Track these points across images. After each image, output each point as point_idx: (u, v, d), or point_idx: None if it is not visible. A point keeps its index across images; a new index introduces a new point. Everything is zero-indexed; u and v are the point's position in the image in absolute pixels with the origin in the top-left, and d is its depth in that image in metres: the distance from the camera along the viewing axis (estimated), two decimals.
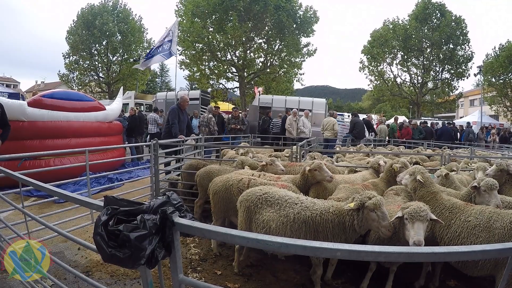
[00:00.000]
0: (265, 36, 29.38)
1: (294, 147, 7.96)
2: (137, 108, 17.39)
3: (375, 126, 19.25)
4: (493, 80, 38.21)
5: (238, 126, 14.77)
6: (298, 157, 7.64)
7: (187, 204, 6.62)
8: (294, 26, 27.92)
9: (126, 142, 14.10)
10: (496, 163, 5.42)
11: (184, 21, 26.85)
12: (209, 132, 12.86)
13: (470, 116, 36.98)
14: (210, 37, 27.54)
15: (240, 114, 15.50)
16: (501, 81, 37.67)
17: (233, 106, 22.55)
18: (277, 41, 29.24)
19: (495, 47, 38.48)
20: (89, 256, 4.88)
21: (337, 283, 4.45)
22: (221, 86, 31.39)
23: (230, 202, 4.87)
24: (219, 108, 17.06)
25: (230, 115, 15.45)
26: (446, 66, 37.91)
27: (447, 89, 38.53)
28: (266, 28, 28.82)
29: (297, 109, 17.40)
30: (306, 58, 30.11)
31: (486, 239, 3.57)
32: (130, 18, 40.46)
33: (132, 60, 37.88)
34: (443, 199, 4.18)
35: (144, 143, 12.22)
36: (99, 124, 11.24)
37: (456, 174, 6.10)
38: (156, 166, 6.97)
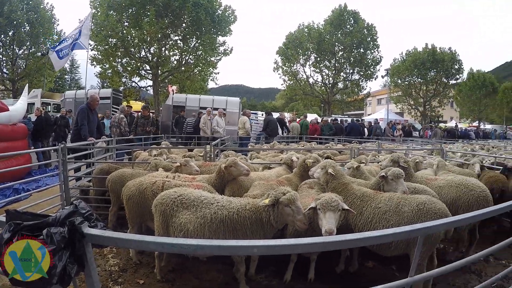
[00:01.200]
0: (181, 33, 28.45)
1: (208, 146, 7.97)
2: (43, 109, 16.20)
3: (287, 124, 19.76)
4: (399, 81, 45.30)
5: (148, 129, 13.32)
6: (212, 156, 7.69)
7: (101, 212, 6.39)
8: (212, 24, 27.35)
9: (32, 147, 13.08)
10: (391, 156, 5.95)
11: (99, 13, 24.98)
12: (120, 133, 12.25)
13: (378, 113, 41.23)
14: (125, 31, 25.95)
15: (150, 114, 14.60)
16: (406, 82, 45.22)
17: (143, 104, 21.63)
18: (194, 39, 28.44)
19: (402, 53, 46.58)
20: (0, 280, 4.42)
21: (261, 277, 4.52)
22: (134, 84, 29.86)
23: (145, 207, 4.69)
24: (131, 107, 16.41)
25: (139, 114, 14.27)
26: (356, 68, 40.36)
27: (356, 89, 41.13)
28: (183, 25, 27.88)
29: (211, 108, 17.40)
30: (222, 57, 29.74)
31: (397, 222, 3.89)
32: (41, 6, 35.67)
33: (39, 54, 34.14)
34: (354, 189, 4.46)
35: (52, 147, 11.35)
36: (1, 127, 10.33)
37: (366, 166, 6.56)
38: (65, 172, 6.51)
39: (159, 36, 26.24)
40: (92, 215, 1.82)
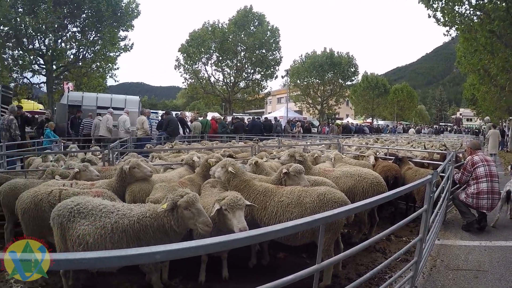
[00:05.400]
0: (80, 25, 26.03)
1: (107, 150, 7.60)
2: None
3: (189, 123, 19.43)
4: (298, 81, 48.10)
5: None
6: (111, 159, 7.29)
7: None
8: (114, 17, 25.59)
9: None
10: (287, 151, 6.40)
11: None
12: (10, 137, 11.01)
13: (278, 111, 42.48)
14: (18, 19, 22.48)
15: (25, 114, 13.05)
16: (305, 83, 48.11)
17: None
18: (93, 32, 26.27)
19: (302, 55, 50.07)
20: None
21: (176, 282, 4.37)
22: (25, 80, 26.53)
23: (43, 220, 4.13)
24: (22, 108, 14.76)
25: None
26: (257, 68, 41.37)
27: (257, 89, 42.28)
28: (83, 16, 25.54)
29: (110, 107, 16.73)
30: (122, 53, 28.19)
31: (299, 214, 4.04)
32: None
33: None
34: (256, 185, 4.54)
35: None
36: None
37: (267, 162, 6.69)
38: None
39: (56, 26, 23.73)
40: None
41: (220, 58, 40.40)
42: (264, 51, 40.79)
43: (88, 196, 3.96)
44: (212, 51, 40.17)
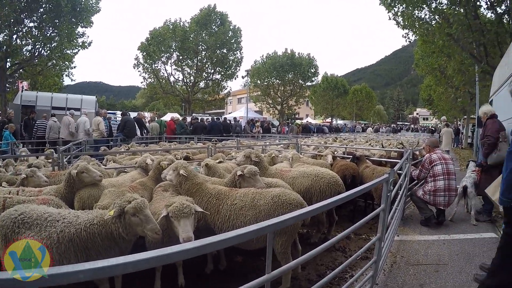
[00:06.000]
0: (37, 20, 24.37)
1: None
2: None
3: (147, 124, 19.16)
4: (259, 82, 47.93)
5: None
6: (61, 164, 6.97)
7: None
8: (72, 12, 24.18)
9: None
10: (243, 152, 6.26)
11: None
12: None
13: (238, 111, 42.55)
14: None
15: None
16: (265, 83, 47.96)
17: None
18: (51, 28, 24.73)
19: (263, 55, 49.91)
20: None
21: None
22: None
23: None
24: None
25: None
26: (217, 68, 41.23)
27: (217, 89, 42.01)
28: (41, 10, 23.95)
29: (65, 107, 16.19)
30: (80, 50, 26.73)
31: (254, 217, 3.94)
32: None
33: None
34: (208, 189, 4.40)
35: None
36: None
37: (223, 163, 6.63)
38: None
39: (11, 20, 22.32)
40: None
41: (181, 57, 39.96)
42: (225, 51, 40.72)
43: (33, 204, 3.68)
44: (172, 50, 39.71)
